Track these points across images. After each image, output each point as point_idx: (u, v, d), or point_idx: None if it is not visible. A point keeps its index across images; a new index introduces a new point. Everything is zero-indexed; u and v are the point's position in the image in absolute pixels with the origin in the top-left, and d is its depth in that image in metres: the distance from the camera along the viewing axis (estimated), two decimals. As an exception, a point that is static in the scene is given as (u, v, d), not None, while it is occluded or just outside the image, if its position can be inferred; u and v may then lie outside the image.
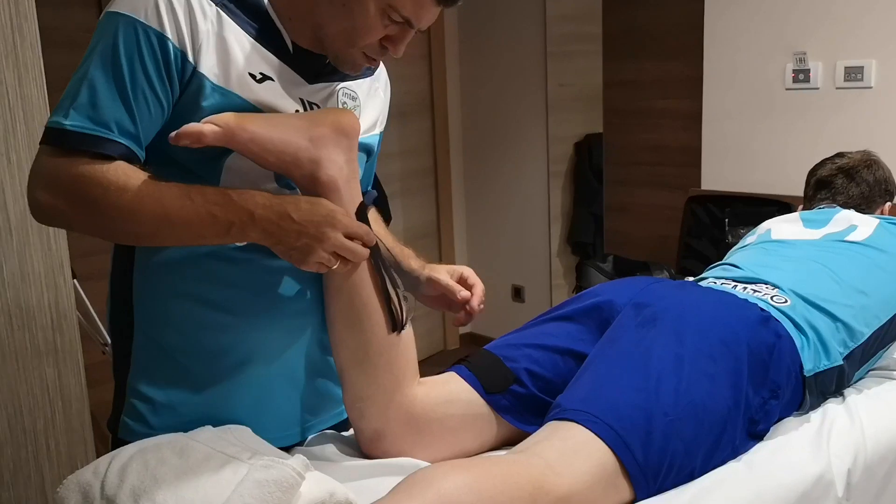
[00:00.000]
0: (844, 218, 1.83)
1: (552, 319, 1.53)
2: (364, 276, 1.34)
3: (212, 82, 1.18)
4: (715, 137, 3.48)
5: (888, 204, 2.02)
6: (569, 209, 4.98)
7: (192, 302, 1.28)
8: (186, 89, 1.18)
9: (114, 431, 1.36)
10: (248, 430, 1.32)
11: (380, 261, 1.35)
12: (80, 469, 1.24)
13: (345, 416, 1.48)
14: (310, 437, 1.46)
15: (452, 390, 1.41)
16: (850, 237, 1.75)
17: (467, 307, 1.53)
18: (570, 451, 1.16)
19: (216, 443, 1.23)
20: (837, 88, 3.04)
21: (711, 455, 1.25)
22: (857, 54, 2.98)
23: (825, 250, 1.72)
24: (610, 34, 3.91)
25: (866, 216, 1.84)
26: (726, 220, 3.35)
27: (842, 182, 1.98)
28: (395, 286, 1.37)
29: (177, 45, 1.15)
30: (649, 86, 3.73)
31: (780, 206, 3.18)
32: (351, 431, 1.46)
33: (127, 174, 1.13)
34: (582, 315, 1.51)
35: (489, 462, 1.11)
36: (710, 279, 1.68)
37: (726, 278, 1.65)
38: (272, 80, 1.24)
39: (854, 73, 2.98)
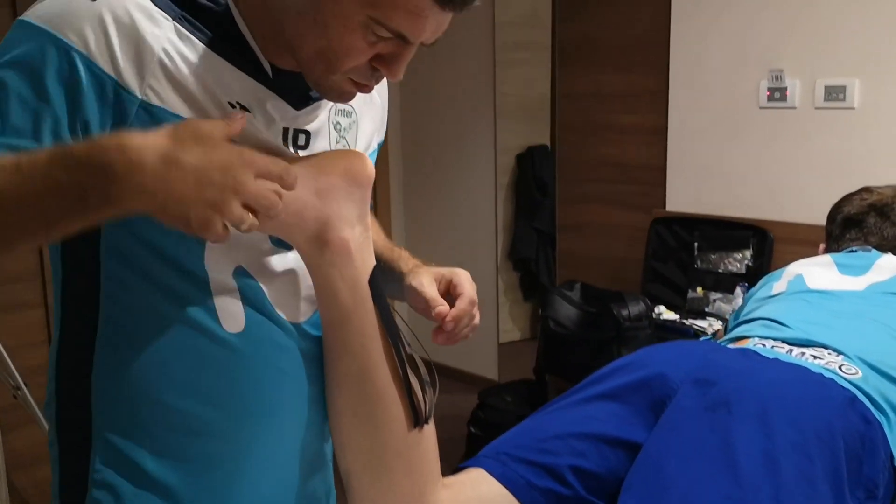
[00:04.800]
0: (888, 265, 1.63)
1: (592, 398, 1.27)
2: (378, 359, 1.07)
3: (171, 113, 0.92)
4: (681, 155, 3.29)
5: (925, 246, 1.85)
6: (510, 223, 4.76)
7: (173, 400, 0.99)
8: (127, 122, 0.91)
9: None
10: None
11: (399, 340, 1.08)
12: None
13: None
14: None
15: (484, 494, 1.15)
16: (903, 289, 1.55)
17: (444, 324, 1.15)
18: None
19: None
20: (817, 108, 2.89)
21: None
22: (838, 73, 2.83)
23: (879, 306, 1.52)
24: (564, 43, 3.70)
25: (917, 264, 1.65)
26: (695, 243, 3.17)
27: (874, 221, 1.79)
28: (416, 369, 1.10)
29: (108, 71, 0.88)
30: (608, 99, 3.53)
31: (754, 230, 3.02)
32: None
33: None
34: (629, 392, 1.26)
35: None
36: (756, 339, 1.45)
37: (776, 339, 1.43)
38: (247, 109, 0.98)
39: (835, 93, 2.83)
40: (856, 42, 2.78)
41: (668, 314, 3.05)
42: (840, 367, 1.32)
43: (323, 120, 1.08)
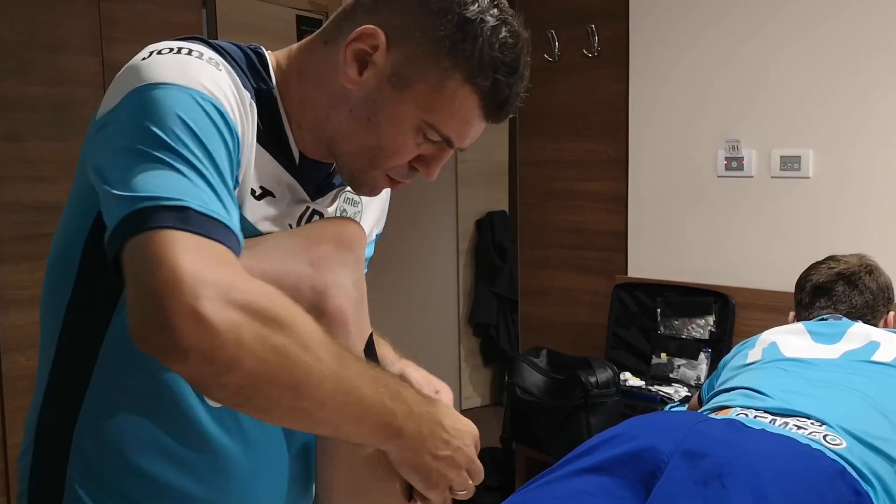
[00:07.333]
0: (861, 333, 1.66)
1: (582, 472, 1.26)
2: None
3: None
4: (642, 222, 3.34)
5: (892, 313, 1.88)
6: (470, 288, 4.76)
7: (147, 464, 0.97)
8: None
9: None
10: None
11: None
12: None
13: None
14: None
15: None
16: (877, 357, 1.58)
17: None
18: None
19: None
20: (773, 177, 2.97)
21: None
22: (792, 143, 2.91)
23: (855, 373, 1.54)
24: (523, 111, 3.73)
25: (887, 332, 1.68)
26: (658, 309, 3.20)
27: (843, 289, 1.82)
28: None
29: (238, 131, 0.90)
30: (568, 166, 3.58)
31: (716, 296, 3.06)
32: None
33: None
34: (618, 465, 1.25)
35: None
36: (738, 409, 1.45)
37: (758, 409, 1.43)
38: (272, 195, 1.00)
39: (790, 163, 2.91)
40: (809, 114, 2.87)
41: (633, 380, 3.06)
42: (825, 438, 1.33)
43: (334, 207, 1.11)
